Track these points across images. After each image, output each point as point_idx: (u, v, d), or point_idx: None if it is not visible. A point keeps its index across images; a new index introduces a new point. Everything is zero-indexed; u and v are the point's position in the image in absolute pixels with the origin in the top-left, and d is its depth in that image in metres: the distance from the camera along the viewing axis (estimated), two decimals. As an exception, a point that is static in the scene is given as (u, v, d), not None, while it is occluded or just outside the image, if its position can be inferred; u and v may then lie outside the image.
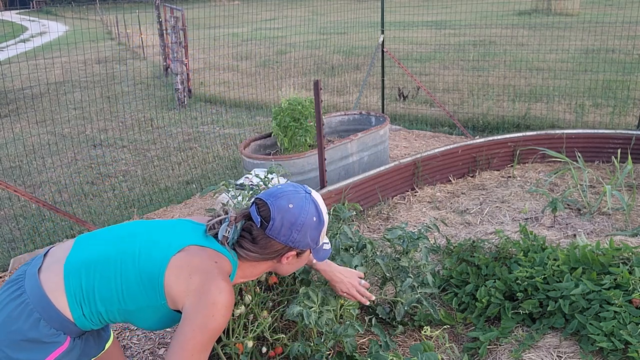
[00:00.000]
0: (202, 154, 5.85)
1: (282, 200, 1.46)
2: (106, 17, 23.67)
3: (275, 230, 1.44)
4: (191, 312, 1.34)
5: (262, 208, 1.47)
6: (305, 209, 1.47)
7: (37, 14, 34.86)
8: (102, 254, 1.44)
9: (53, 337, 1.38)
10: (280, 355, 2.15)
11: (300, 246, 1.49)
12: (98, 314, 1.42)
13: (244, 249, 1.47)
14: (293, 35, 11.88)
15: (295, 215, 1.45)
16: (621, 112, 6.42)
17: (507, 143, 4.50)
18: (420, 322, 2.48)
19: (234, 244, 1.48)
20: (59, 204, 4.61)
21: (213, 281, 1.36)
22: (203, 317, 1.34)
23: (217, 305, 1.34)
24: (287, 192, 1.49)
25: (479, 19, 12.12)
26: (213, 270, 1.38)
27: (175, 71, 8.08)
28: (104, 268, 1.41)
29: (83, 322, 1.42)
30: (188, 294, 1.36)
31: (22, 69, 10.05)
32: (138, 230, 1.50)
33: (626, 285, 2.22)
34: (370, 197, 3.95)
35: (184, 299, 1.37)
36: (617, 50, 9.48)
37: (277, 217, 1.44)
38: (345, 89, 8.83)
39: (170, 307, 1.41)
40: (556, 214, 3.50)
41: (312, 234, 1.50)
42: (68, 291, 1.39)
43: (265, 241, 1.46)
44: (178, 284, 1.37)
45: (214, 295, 1.35)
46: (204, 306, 1.34)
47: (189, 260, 1.40)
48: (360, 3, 14.29)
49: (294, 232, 1.45)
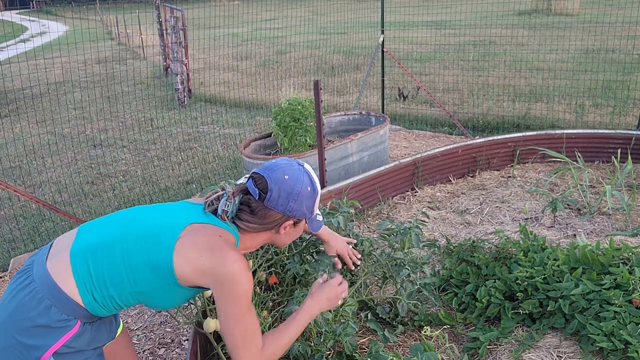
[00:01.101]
0: (202, 154, 5.85)
1: (277, 173, 1.53)
2: (106, 17, 23.67)
3: (273, 201, 1.51)
4: (219, 291, 1.42)
5: (259, 181, 1.54)
6: (300, 180, 1.55)
7: (37, 14, 34.87)
8: (106, 238, 1.47)
9: (63, 322, 1.41)
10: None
11: (297, 215, 1.56)
12: (110, 298, 1.45)
13: (244, 221, 1.53)
14: (293, 35, 11.88)
15: (291, 185, 1.53)
16: (621, 112, 6.42)
17: (507, 143, 4.50)
18: (420, 322, 2.48)
19: (234, 217, 1.54)
20: (59, 204, 4.61)
21: (224, 254, 1.42)
22: (231, 290, 1.41)
23: (236, 274, 1.41)
24: (281, 165, 1.57)
25: (479, 19, 12.11)
26: (220, 244, 1.44)
27: (175, 71, 8.08)
28: (109, 252, 1.44)
29: (94, 308, 1.45)
30: (204, 274, 1.42)
31: (22, 69, 10.05)
32: (139, 214, 1.53)
33: (626, 285, 2.22)
34: (370, 197, 3.95)
35: (199, 279, 1.43)
36: (617, 50, 9.48)
37: (275, 188, 1.51)
38: (345, 89, 8.83)
39: (182, 284, 1.45)
40: (556, 214, 3.50)
41: (308, 203, 1.57)
42: (77, 277, 1.42)
43: (264, 212, 1.53)
44: (188, 264, 1.42)
45: (230, 266, 1.41)
46: (227, 280, 1.41)
47: (194, 240, 1.44)
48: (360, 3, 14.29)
49: (291, 202, 1.52)
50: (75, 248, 1.46)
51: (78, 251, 1.45)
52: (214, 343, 2.02)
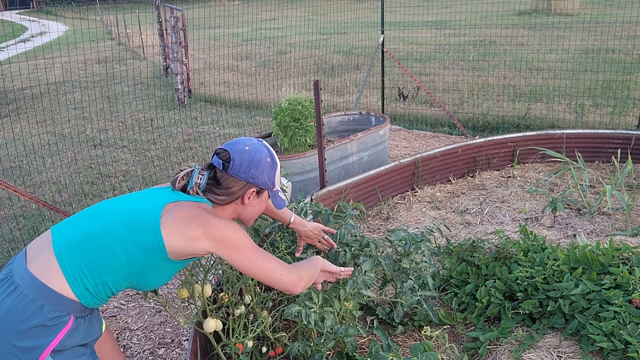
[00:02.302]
0: (202, 154, 5.85)
1: (238, 145, 1.69)
2: (106, 17, 23.66)
3: (236, 169, 1.64)
4: (221, 249, 1.56)
5: (222, 154, 1.68)
6: (260, 150, 1.70)
7: (37, 14, 34.87)
8: (87, 231, 1.52)
9: (57, 319, 1.43)
10: (280, 355, 2.15)
11: (259, 182, 1.68)
12: (103, 285, 1.50)
13: (213, 193, 1.65)
14: (293, 35, 11.89)
15: (251, 154, 1.67)
16: (621, 112, 6.42)
17: (507, 143, 4.50)
18: (420, 322, 2.48)
19: (204, 191, 1.65)
20: (59, 204, 4.61)
21: (209, 219, 1.54)
22: (231, 243, 1.56)
23: (227, 230, 1.56)
24: (242, 140, 1.73)
25: (479, 19, 12.12)
26: (201, 212, 1.56)
27: (175, 71, 8.08)
28: (95, 242, 1.49)
29: (87, 298, 1.48)
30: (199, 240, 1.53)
31: (22, 69, 10.06)
32: (111, 205, 1.60)
33: (626, 285, 2.22)
34: (370, 197, 3.95)
35: (194, 247, 1.54)
36: (617, 50, 9.48)
37: (237, 157, 1.65)
38: (345, 89, 8.83)
39: (173, 259, 1.55)
40: (556, 214, 3.50)
41: (268, 173, 1.70)
42: (65, 272, 1.45)
43: (228, 181, 1.65)
44: (180, 237, 1.52)
45: (218, 225, 1.55)
46: (222, 238, 1.55)
47: (177, 215, 1.53)
48: (360, 3, 14.29)
49: (252, 169, 1.66)
50: (58, 246, 1.49)
51: (62, 248, 1.48)
52: (214, 343, 2.02)
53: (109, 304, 3.08)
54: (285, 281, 1.66)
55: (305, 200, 3.09)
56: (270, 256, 1.65)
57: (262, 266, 1.61)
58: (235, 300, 2.05)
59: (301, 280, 1.71)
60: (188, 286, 1.93)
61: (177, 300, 3.00)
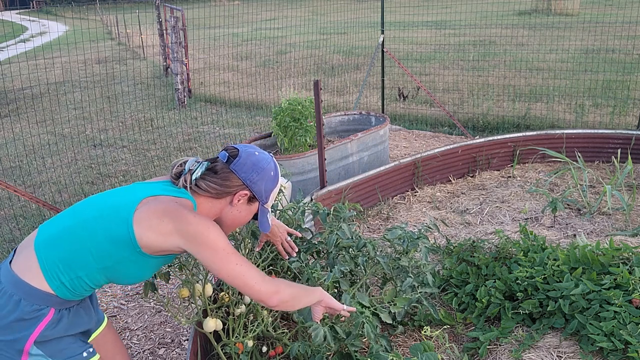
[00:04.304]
0: (202, 154, 5.85)
1: (250, 149, 1.69)
2: (106, 17, 23.67)
3: (239, 166, 1.63)
4: (193, 247, 1.50)
5: (231, 150, 1.67)
6: (267, 160, 1.69)
7: (37, 14, 34.87)
8: (65, 226, 1.53)
9: (35, 312, 1.46)
10: (281, 355, 2.15)
11: (254, 189, 1.65)
12: (79, 279, 1.50)
13: (205, 181, 1.61)
14: (293, 35, 11.89)
15: (258, 159, 1.66)
16: (621, 112, 6.42)
17: (507, 143, 4.50)
18: (420, 322, 2.48)
19: (197, 179, 1.61)
20: (59, 204, 4.61)
21: (183, 214, 1.50)
22: (203, 241, 1.49)
23: (201, 226, 1.50)
24: (254, 146, 1.73)
25: (479, 19, 12.12)
26: (177, 208, 1.52)
27: (175, 71, 8.08)
28: (71, 237, 1.50)
29: (64, 292, 1.50)
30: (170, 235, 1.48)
31: (22, 69, 10.06)
32: (94, 200, 1.60)
33: (626, 285, 2.23)
34: (370, 197, 3.95)
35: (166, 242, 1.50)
36: (617, 50, 9.48)
37: (244, 155, 1.65)
38: (345, 89, 8.83)
39: (148, 253, 1.52)
40: (556, 214, 3.51)
41: (267, 185, 1.67)
42: (43, 267, 1.48)
43: (226, 174, 1.62)
44: (152, 231, 1.48)
45: (192, 222, 1.49)
46: (195, 235, 1.49)
47: (152, 208, 1.50)
48: (360, 3, 14.30)
49: (254, 172, 1.64)
50: (37, 242, 1.52)
51: (41, 243, 1.51)
52: (214, 343, 2.02)
53: (108, 304, 3.08)
54: (260, 290, 1.55)
55: (305, 200, 3.09)
56: (247, 262, 1.57)
57: (236, 270, 1.52)
58: (236, 300, 2.05)
59: (278, 294, 1.58)
60: (189, 286, 1.93)
61: (178, 299, 3.00)
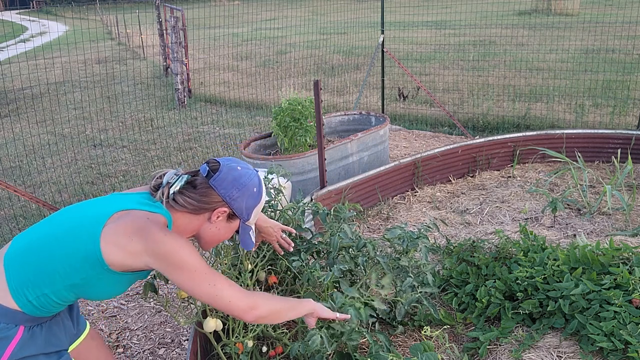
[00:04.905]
0: (202, 154, 5.85)
1: (232, 163, 1.61)
2: (106, 17, 23.67)
3: (218, 181, 1.55)
4: (164, 267, 1.44)
5: (212, 163, 1.60)
6: (250, 176, 1.61)
7: (37, 14, 34.87)
8: (34, 239, 1.48)
9: (4, 332, 1.39)
10: (281, 355, 2.15)
11: (235, 207, 1.57)
12: (45, 297, 1.43)
13: (183, 196, 1.54)
14: (293, 35, 11.89)
15: (240, 175, 1.58)
16: (621, 112, 6.42)
17: (507, 143, 4.50)
18: (420, 322, 2.48)
19: (175, 193, 1.53)
20: (59, 204, 4.61)
21: (153, 232, 1.43)
22: (175, 261, 1.43)
23: (171, 244, 1.43)
24: (238, 160, 1.64)
25: (479, 19, 12.12)
26: (147, 225, 1.44)
27: (175, 71, 8.08)
28: (38, 251, 1.44)
29: (32, 310, 1.43)
30: (139, 255, 1.42)
31: (22, 69, 10.06)
32: (67, 212, 1.54)
33: (626, 285, 2.22)
34: (370, 197, 3.95)
35: (135, 261, 1.43)
36: (617, 50, 9.48)
37: (224, 170, 1.57)
38: (345, 89, 8.83)
39: (117, 270, 1.45)
40: (556, 214, 3.50)
41: (249, 202, 1.60)
42: (9, 283, 1.41)
43: (205, 189, 1.55)
44: (120, 250, 1.41)
45: (161, 240, 1.42)
46: (165, 254, 1.42)
47: (121, 225, 1.44)
48: (360, 3, 14.30)
49: (234, 188, 1.56)
50: (7, 256, 1.46)
51: (9, 258, 1.45)
52: (214, 343, 2.02)
53: (108, 304, 3.08)
54: (235, 308, 1.52)
55: (305, 200, 3.09)
56: (221, 279, 1.50)
57: (209, 291, 1.47)
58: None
59: (255, 309, 1.54)
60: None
61: (177, 300, 3.00)
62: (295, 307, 1.70)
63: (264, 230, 2.05)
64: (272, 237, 2.08)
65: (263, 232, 2.06)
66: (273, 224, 2.07)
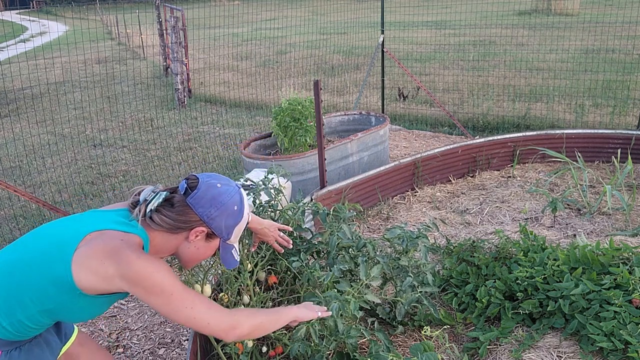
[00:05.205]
0: (202, 154, 5.85)
1: (212, 179, 1.55)
2: (106, 17, 23.67)
3: (196, 199, 1.49)
4: (138, 291, 1.39)
5: (191, 180, 1.54)
6: (230, 194, 1.54)
7: (37, 14, 34.88)
8: (7, 261, 1.43)
9: None
10: (281, 355, 2.15)
11: (214, 226, 1.52)
12: (19, 323, 1.40)
13: (160, 214, 1.48)
14: (293, 35, 11.89)
15: (219, 193, 1.52)
16: (621, 112, 6.42)
17: (507, 143, 4.50)
18: (420, 322, 2.48)
19: (152, 211, 1.48)
20: (59, 204, 4.61)
21: (125, 255, 1.37)
22: (148, 285, 1.38)
23: (144, 268, 1.38)
24: (219, 176, 1.58)
25: (479, 19, 12.12)
26: (120, 248, 1.39)
27: (175, 71, 8.08)
28: (7, 278, 1.39)
29: (7, 335, 1.40)
30: (112, 279, 1.37)
31: (22, 69, 10.06)
32: (43, 231, 1.49)
33: (626, 285, 2.22)
34: (370, 197, 3.95)
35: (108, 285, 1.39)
36: (617, 50, 9.48)
37: (203, 188, 1.51)
38: (345, 89, 8.83)
39: (92, 294, 1.40)
40: (556, 214, 3.50)
41: (228, 221, 1.54)
42: None
43: (183, 208, 1.50)
44: (92, 274, 1.37)
45: (134, 264, 1.37)
46: (138, 279, 1.37)
47: (93, 248, 1.38)
48: (360, 3, 14.29)
49: (212, 208, 1.50)
50: None
51: None
52: (214, 343, 2.02)
53: (108, 304, 3.08)
54: (215, 330, 1.47)
55: (305, 200, 3.09)
56: (199, 300, 1.46)
57: (185, 314, 1.42)
58: (235, 300, 2.05)
59: (235, 329, 1.50)
60: (188, 286, 1.93)
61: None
62: (278, 320, 1.66)
63: (259, 232, 2.03)
64: (269, 238, 2.06)
65: (259, 234, 2.04)
66: (268, 224, 2.05)
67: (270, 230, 2.05)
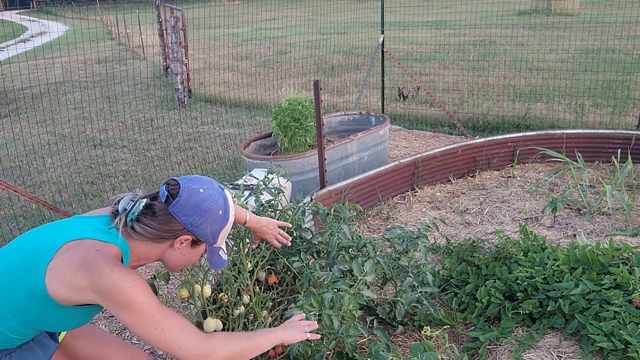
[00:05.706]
0: (202, 154, 5.85)
1: (193, 184, 1.47)
2: (106, 17, 23.67)
3: (178, 208, 1.43)
4: (111, 305, 1.34)
5: (172, 186, 1.47)
6: (214, 198, 1.48)
7: (37, 14, 34.88)
8: None
9: None
10: (281, 355, 2.15)
11: (198, 233, 1.47)
12: (1, 334, 1.37)
13: (142, 224, 1.43)
14: (293, 35, 11.88)
15: (202, 199, 1.45)
16: (621, 112, 6.42)
17: (507, 143, 4.50)
18: (420, 322, 2.48)
19: (133, 220, 1.43)
20: (59, 204, 4.61)
21: (99, 266, 1.33)
22: (121, 300, 1.33)
23: (118, 281, 1.33)
24: (201, 179, 1.51)
25: (479, 19, 12.12)
26: (94, 257, 1.34)
27: (175, 71, 8.08)
28: None
29: None
30: (85, 291, 1.33)
31: (22, 69, 10.06)
32: (23, 241, 1.45)
33: (626, 285, 2.22)
34: (370, 197, 3.95)
35: (82, 297, 1.35)
36: (617, 50, 9.48)
37: (184, 195, 1.44)
38: (345, 89, 8.83)
39: (66, 305, 1.37)
40: (556, 214, 3.50)
41: (213, 226, 1.48)
42: None
43: (165, 217, 1.44)
44: (65, 285, 1.33)
45: (108, 276, 1.32)
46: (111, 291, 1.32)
47: (67, 258, 1.35)
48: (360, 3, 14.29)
49: (196, 215, 1.44)
50: None
51: None
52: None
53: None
54: (184, 355, 1.38)
55: (305, 200, 3.09)
56: (172, 322, 1.38)
57: (155, 335, 1.36)
58: (235, 301, 2.05)
59: (209, 356, 1.40)
60: (188, 286, 1.93)
61: (177, 300, 3.00)
62: (260, 345, 1.55)
63: (258, 230, 2.01)
64: (269, 235, 2.04)
65: (258, 232, 2.03)
66: (267, 222, 2.02)
67: (269, 228, 2.03)
